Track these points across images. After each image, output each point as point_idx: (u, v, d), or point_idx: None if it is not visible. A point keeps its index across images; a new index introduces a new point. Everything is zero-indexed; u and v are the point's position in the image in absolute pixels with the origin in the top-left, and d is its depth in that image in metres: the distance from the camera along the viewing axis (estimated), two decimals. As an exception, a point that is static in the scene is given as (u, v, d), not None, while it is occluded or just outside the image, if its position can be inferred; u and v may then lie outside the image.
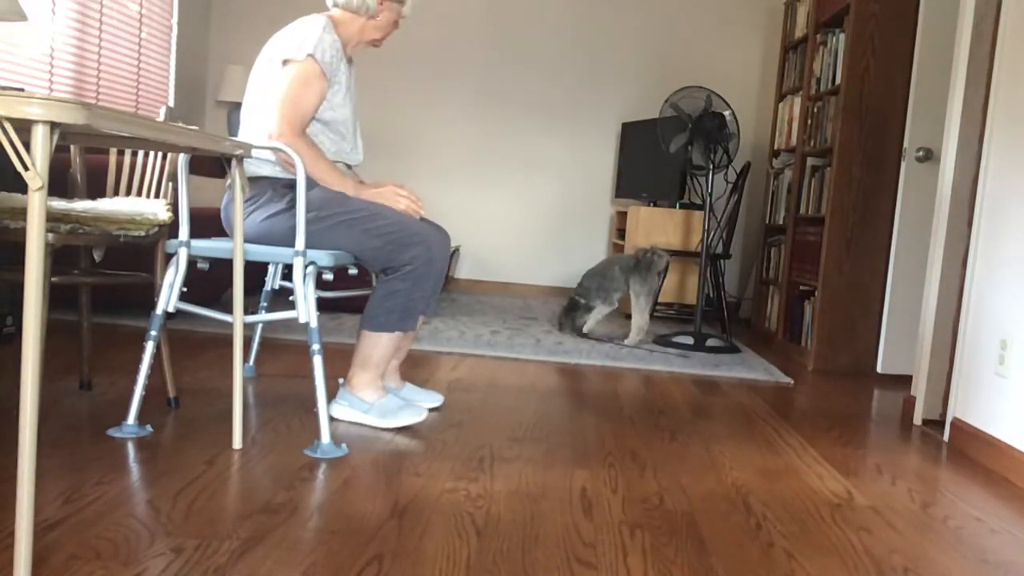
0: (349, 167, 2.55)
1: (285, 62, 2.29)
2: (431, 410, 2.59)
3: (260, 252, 2.26)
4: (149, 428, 2.19)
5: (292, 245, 2.22)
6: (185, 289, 2.21)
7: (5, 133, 1.21)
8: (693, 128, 4.32)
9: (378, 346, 2.36)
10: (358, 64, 2.59)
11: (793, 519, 1.91)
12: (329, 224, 2.27)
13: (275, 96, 2.29)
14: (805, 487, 2.16)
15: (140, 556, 1.45)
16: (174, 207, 2.32)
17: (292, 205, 2.29)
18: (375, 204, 2.36)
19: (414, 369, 3.19)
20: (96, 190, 2.60)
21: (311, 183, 2.28)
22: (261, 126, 2.34)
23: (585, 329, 4.22)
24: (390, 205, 2.37)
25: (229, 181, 2.40)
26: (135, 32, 5.02)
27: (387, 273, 2.32)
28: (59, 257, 2.29)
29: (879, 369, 3.91)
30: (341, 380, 2.47)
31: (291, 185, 2.32)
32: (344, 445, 2.16)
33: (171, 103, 5.51)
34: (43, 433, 2.08)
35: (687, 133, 4.35)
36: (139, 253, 2.45)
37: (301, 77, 2.28)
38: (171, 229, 2.35)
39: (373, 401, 2.38)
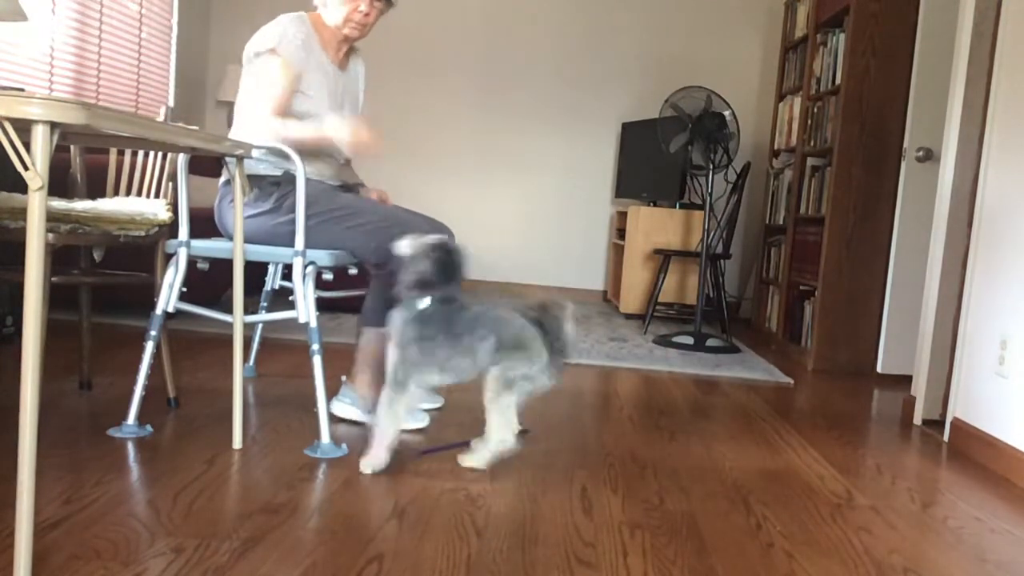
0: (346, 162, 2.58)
1: (257, 55, 2.33)
2: (431, 411, 2.59)
3: (260, 252, 2.26)
4: (149, 428, 2.19)
5: (277, 245, 2.24)
6: (185, 289, 2.21)
7: (5, 133, 1.21)
8: (693, 128, 4.32)
9: (378, 342, 2.36)
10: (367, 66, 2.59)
11: (793, 519, 1.91)
12: (314, 223, 2.26)
13: (253, 94, 2.33)
14: (805, 487, 2.16)
15: (140, 556, 1.45)
16: (174, 207, 2.32)
17: (278, 205, 2.30)
18: (359, 201, 2.37)
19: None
20: (96, 190, 2.60)
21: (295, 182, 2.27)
22: (245, 126, 2.35)
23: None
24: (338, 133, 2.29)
25: (222, 179, 2.40)
26: (135, 32, 5.02)
27: (380, 268, 2.32)
28: (59, 257, 2.29)
29: (879, 369, 3.90)
30: (344, 377, 2.47)
31: (278, 183, 2.32)
32: (344, 445, 2.16)
33: (171, 103, 5.51)
34: (43, 433, 2.08)
35: (687, 133, 4.35)
36: (139, 253, 2.45)
37: (269, 69, 2.32)
38: (171, 229, 2.35)
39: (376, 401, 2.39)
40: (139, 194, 2.61)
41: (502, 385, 2.04)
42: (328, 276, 2.41)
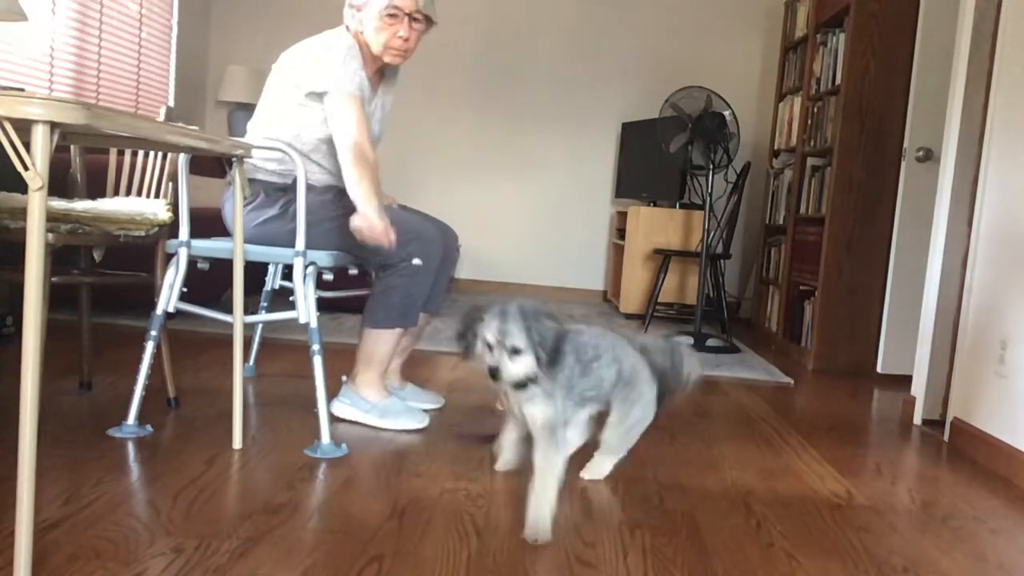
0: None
1: (321, 95, 2.25)
2: (431, 411, 2.59)
3: (260, 252, 2.26)
4: (149, 428, 2.19)
5: (284, 247, 2.23)
6: (185, 289, 2.22)
7: (5, 133, 1.21)
8: (693, 128, 4.32)
9: (380, 343, 2.36)
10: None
11: (793, 519, 1.91)
12: (323, 228, 2.27)
13: (338, 140, 2.25)
14: (805, 487, 2.16)
15: (140, 556, 1.45)
16: (174, 207, 2.32)
17: (284, 210, 2.29)
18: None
19: (415, 369, 3.19)
20: (96, 190, 2.60)
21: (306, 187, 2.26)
22: (263, 130, 2.34)
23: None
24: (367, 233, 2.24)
25: (229, 179, 2.40)
26: (135, 32, 5.02)
27: (385, 270, 2.32)
28: (59, 257, 2.29)
29: (879, 369, 3.90)
30: (344, 377, 2.47)
31: (284, 189, 2.32)
32: (344, 445, 2.16)
33: (171, 103, 5.51)
34: (43, 433, 2.08)
35: (687, 133, 4.34)
36: (139, 253, 2.45)
37: (348, 112, 2.25)
38: (171, 229, 2.35)
39: (376, 402, 2.39)
40: (139, 194, 2.61)
41: (623, 428, 2.04)
42: (328, 276, 2.41)
